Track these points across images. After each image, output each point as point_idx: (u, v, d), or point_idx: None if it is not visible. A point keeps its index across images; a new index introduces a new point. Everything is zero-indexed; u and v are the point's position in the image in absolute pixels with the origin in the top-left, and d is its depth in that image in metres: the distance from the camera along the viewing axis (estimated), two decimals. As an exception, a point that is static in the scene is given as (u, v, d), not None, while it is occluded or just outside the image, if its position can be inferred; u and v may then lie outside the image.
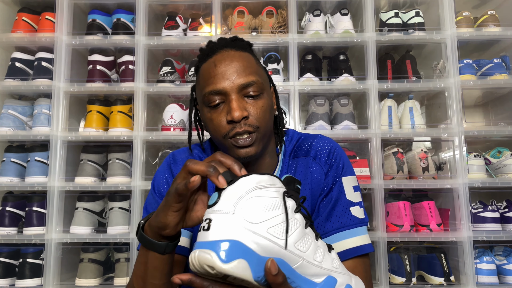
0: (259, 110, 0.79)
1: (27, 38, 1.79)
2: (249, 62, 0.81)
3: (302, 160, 0.91)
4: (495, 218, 1.66)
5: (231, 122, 0.77)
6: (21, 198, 1.72)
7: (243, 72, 0.79)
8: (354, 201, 0.87)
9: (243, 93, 0.79)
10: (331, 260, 0.61)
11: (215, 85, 0.78)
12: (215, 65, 0.79)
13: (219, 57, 0.80)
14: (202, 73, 0.82)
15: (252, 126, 0.78)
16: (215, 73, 0.78)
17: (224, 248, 0.50)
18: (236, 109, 0.76)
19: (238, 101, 0.77)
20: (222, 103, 0.79)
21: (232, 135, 0.78)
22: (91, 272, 1.65)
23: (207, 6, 1.89)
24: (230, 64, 0.79)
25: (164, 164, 0.94)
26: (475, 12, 1.99)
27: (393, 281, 1.63)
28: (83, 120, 1.90)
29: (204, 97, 0.80)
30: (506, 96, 1.89)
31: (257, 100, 0.80)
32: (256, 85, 0.79)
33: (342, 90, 1.79)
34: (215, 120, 0.79)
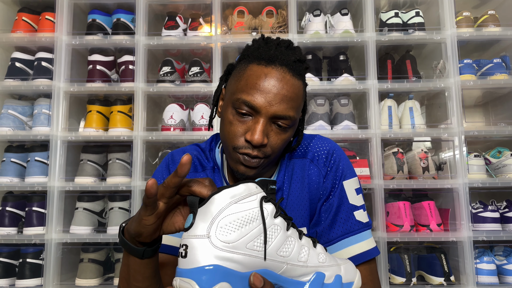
0: (279, 142, 0.76)
1: (27, 38, 1.79)
2: (296, 95, 0.76)
3: (299, 161, 0.88)
4: (495, 218, 1.66)
5: (248, 141, 0.74)
6: (21, 198, 1.72)
7: (286, 103, 0.74)
8: (357, 205, 0.85)
9: (273, 120, 0.75)
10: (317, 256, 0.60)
11: (254, 98, 0.73)
12: (266, 77, 0.74)
13: (273, 73, 0.74)
14: (249, 75, 0.76)
15: (265, 153, 0.76)
16: (261, 87, 0.73)
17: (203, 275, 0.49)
18: (259, 134, 0.72)
19: (265, 126, 0.74)
20: (249, 117, 0.75)
21: (242, 152, 0.75)
22: (91, 272, 1.65)
23: (207, 6, 1.89)
24: (279, 88, 0.73)
25: (163, 164, 0.93)
26: (475, 12, 1.99)
27: (393, 281, 1.63)
28: (83, 120, 1.90)
29: (236, 100, 0.75)
30: (506, 96, 1.89)
31: (282, 133, 0.76)
32: (290, 120, 0.75)
33: (342, 90, 1.79)
34: (234, 128, 0.76)
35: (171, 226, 0.61)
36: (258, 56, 0.77)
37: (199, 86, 1.77)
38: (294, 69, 0.76)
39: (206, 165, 0.91)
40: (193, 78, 1.79)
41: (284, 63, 0.75)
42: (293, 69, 0.76)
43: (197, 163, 0.91)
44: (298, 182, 0.86)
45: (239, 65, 0.81)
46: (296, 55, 0.78)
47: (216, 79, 1.75)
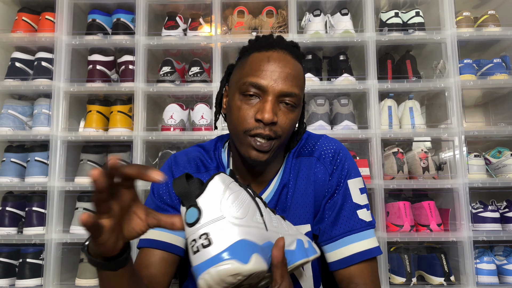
0: (288, 121, 0.79)
1: (27, 38, 1.79)
2: (299, 74, 0.81)
3: (305, 159, 0.90)
4: (495, 218, 1.66)
5: (258, 121, 0.77)
6: (21, 198, 1.72)
7: (290, 80, 0.78)
8: (361, 204, 0.86)
9: (280, 99, 0.78)
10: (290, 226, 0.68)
11: (260, 79, 0.77)
12: (268, 60, 0.79)
13: (275, 55, 0.79)
14: (252, 61, 0.80)
15: (276, 133, 0.78)
16: (265, 68, 0.78)
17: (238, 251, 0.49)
18: (269, 111, 0.75)
19: (273, 104, 0.77)
20: (257, 98, 0.78)
21: (253, 134, 0.77)
22: (91, 272, 1.65)
23: (207, 6, 1.89)
24: (282, 67, 0.78)
25: (165, 166, 0.94)
26: (475, 12, 1.99)
27: (393, 281, 1.63)
28: (83, 120, 1.90)
29: (243, 84, 0.78)
30: (506, 96, 1.89)
31: (289, 112, 0.79)
32: (296, 98, 0.79)
33: (342, 90, 1.79)
34: (243, 112, 0.78)
35: (132, 232, 0.58)
36: (258, 46, 0.82)
37: (199, 86, 1.77)
38: (293, 52, 0.82)
39: (209, 166, 0.92)
40: (193, 78, 1.79)
41: (283, 47, 0.81)
42: (292, 52, 0.82)
43: (200, 164, 0.92)
44: (303, 180, 0.88)
45: (240, 60, 0.85)
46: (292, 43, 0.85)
47: (216, 79, 1.75)
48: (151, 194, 0.92)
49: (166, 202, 0.89)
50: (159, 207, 0.89)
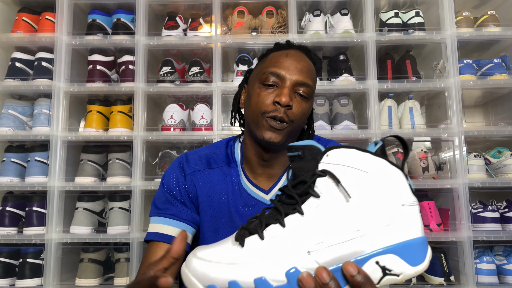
0: (301, 109, 0.87)
1: (27, 38, 1.79)
2: (312, 70, 0.91)
3: None
4: (495, 218, 1.66)
5: (276, 103, 0.85)
6: (21, 198, 1.72)
7: (305, 73, 0.88)
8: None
9: (295, 89, 0.87)
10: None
11: (280, 69, 0.87)
12: (286, 55, 0.89)
13: (292, 52, 0.90)
14: (272, 57, 0.91)
15: (289, 118, 0.85)
16: (283, 61, 0.88)
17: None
18: (286, 95, 0.84)
19: (290, 91, 0.86)
20: (275, 87, 0.87)
21: (270, 116, 0.85)
22: (91, 272, 1.65)
23: (207, 6, 1.89)
24: (299, 62, 0.88)
25: (176, 163, 0.98)
26: (475, 12, 1.99)
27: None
28: (83, 120, 1.90)
29: (263, 74, 0.88)
30: (506, 96, 1.89)
31: (303, 101, 0.88)
32: (309, 89, 0.88)
33: (342, 90, 1.79)
34: (262, 96, 0.87)
35: None
36: (276, 47, 0.94)
37: (199, 86, 1.77)
38: (308, 53, 0.94)
39: (220, 162, 0.97)
40: (193, 78, 1.79)
41: (299, 48, 0.94)
42: (307, 52, 0.94)
43: (211, 160, 0.97)
44: None
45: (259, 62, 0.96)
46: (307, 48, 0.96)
47: (216, 79, 1.75)
48: (161, 187, 0.96)
49: (176, 197, 0.93)
50: (168, 201, 0.93)
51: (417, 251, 0.49)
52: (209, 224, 0.93)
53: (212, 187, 0.94)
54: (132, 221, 1.66)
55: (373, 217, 0.49)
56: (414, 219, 0.50)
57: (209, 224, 0.93)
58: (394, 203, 0.50)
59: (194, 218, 0.93)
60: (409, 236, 0.49)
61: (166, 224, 0.90)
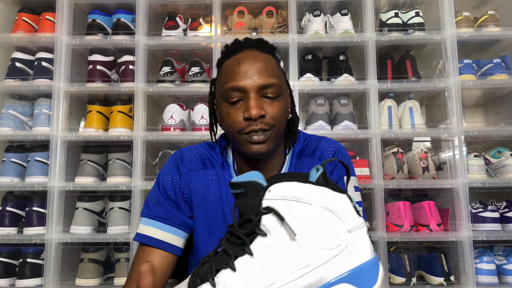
0: (275, 110, 0.82)
1: (27, 38, 1.79)
2: (271, 65, 0.84)
3: (307, 160, 0.94)
4: (495, 218, 1.66)
5: (248, 119, 0.80)
6: (21, 198, 1.72)
7: (264, 73, 0.82)
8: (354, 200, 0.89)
9: (261, 93, 0.82)
10: None
11: (237, 82, 0.81)
12: (238, 62, 0.82)
13: (243, 55, 0.83)
14: (225, 69, 0.85)
15: (268, 125, 0.81)
16: (237, 71, 0.82)
17: None
18: (254, 107, 0.79)
19: (257, 100, 0.81)
20: (241, 100, 0.82)
21: (247, 131, 0.81)
22: (91, 272, 1.65)
23: (207, 6, 1.89)
24: (253, 64, 0.82)
25: (171, 161, 0.95)
26: (475, 12, 1.99)
27: (393, 281, 1.63)
28: (83, 120, 1.90)
29: (224, 92, 0.83)
30: (506, 96, 1.89)
31: (274, 101, 0.83)
32: (275, 87, 0.82)
33: (342, 90, 1.79)
34: (232, 116, 0.82)
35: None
36: (227, 53, 0.87)
37: (199, 86, 1.77)
38: (260, 47, 0.86)
39: (215, 163, 0.95)
40: (193, 78, 1.79)
41: (249, 45, 0.85)
42: (259, 47, 0.86)
43: (206, 160, 0.95)
44: None
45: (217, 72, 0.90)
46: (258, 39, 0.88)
47: (216, 79, 1.75)
48: (156, 186, 0.93)
49: (170, 197, 0.91)
50: (159, 202, 0.91)
51: (369, 274, 0.49)
52: (203, 227, 0.91)
53: (206, 188, 0.91)
54: (132, 221, 1.66)
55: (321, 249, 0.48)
56: (362, 242, 0.50)
57: (203, 227, 0.91)
58: (340, 231, 0.49)
59: (185, 222, 0.90)
60: (359, 261, 0.49)
61: (155, 227, 0.88)
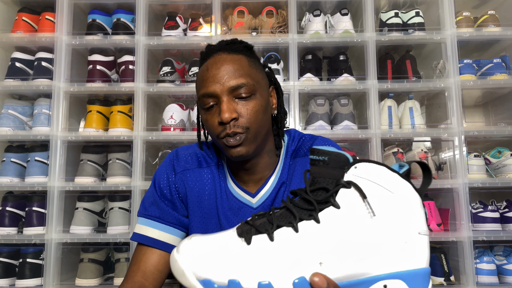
0: (250, 111, 0.81)
1: (27, 38, 1.79)
2: (240, 65, 0.82)
3: (301, 160, 0.93)
4: (495, 218, 1.66)
5: (221, 123, 0.80)
6: (21, 198, 1.72)
7: (233, 74, 0.80)
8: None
9: (233, 95, 0.81)
10: None
11: (207, 88, 0.81)
12: (207, 68, 0.82)
13: (211, 61, 0.83)
14: (198, 77, 0.86)
15: (242, 127, 0.80)
16: (207, 77, 0.81)
17: None
18: (225, 111, 0.78)
19: (228, 103, 0.80)
20: (215, 105, 0.82)
21: (223, 136, 0.80)
22: (91, 272, 1.65)
23: (207, 6, 1.89)
24: (220, 68, 0.81)
25: (167, 160, 0.96)
26: (475, 12, 1.99)
27: (393, 281, 1.63)
28: (83, 120, 1.90)
29: (199, 99, 0.83)
30: (506, 96, 1.89)
31: (248, 101, 0.81)
32: (247, 87, 0.81)
33: (342, 90, 1.79)
34: (209, 121, 0.83)
35: None
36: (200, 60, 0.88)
37: (199, 86, 1.77)
38: (230, 49, 0.85)
39: (210, 162, 0.95)
40: (193, 78, 1.79)
41: (218, 49, 0.85)
42: (228, 49, 0.85)
43: (202, 159, 0.95)
44: (298, 178, 0.91)
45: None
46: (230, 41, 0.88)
47: (216, 79, 1.75)
48: (152, 186, 0.94)
49: (165, 196, 0.91)
50: (155, 201, 0.91)
51: (422, 281, 0.48)
52: (198, 226, 0.91)
53: (201, 187, 0.92)
54: (132, 221, 1.66)
55: (391, 239, 0.48)
56: (425, 248, 0.50)
57: (199, 226, 0.91)
58: (412, 229, 0.49)
59: (181, 221, 0.91)
60: (418, 265, 0.49)
61: (151, 226, 0.90)
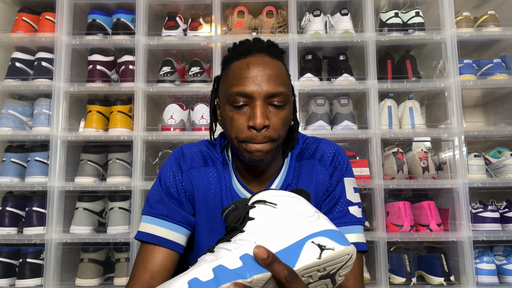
0: (280, 121, 0.81)
1: (27, 38, 1.79)
2: (281, 73, 0.83)
3: (307, 162, 0.94)
4: (495, 218, 1.66)
5: (251, 128, 0.79)
6: (21, 198, 1.72)
7: (273, 81, 0.80)
8: (353, 201, 0.91)
9: (268, 101, 0.80)
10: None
11: (245, 87, 0.79)
12: (248, 67, 0.81)
13: (253, 60, 0.81)
14: (233, 71, 0.83)
15: (270, 138, 0.80)
16: (247, 75, 0.80)
17: None
18: (259, 117, 0.78)
19: (263, 108, 0.79)
20: (246, 106, 0.81)
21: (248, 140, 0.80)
22: (91, 272, 1.65)
23: (207, 6, 1.89)
24: (263, 70, 0.80)
25: (172, 158, 0.95)
26: (475, 12, 1.99)
27: (393, 281, 1.63)
28: (83, 120, 1.90)
29: (230, 95, 0.81)
30: (506, 96, 1.89)
31: (280, 111, 0.82)
32: (283, 96, 0.81)
33: (342, 90, 1.79)
34: (236, 121, 0.81)
35: None
36: (235, 55, 0.85)
37: (199, 86, 1.77)
38: (271, 53, 0.84)
39: (216, 160, 0.95)
40: (193, 78, 1.79)
41: (260, 50, 0.83)
42: (270, 52, 0.84)
43: (207, 157, 0.95)
44: (305, 180, 0.92)
45: (223, 71, 0.88)
46: (269, 43, 0.87)
47: (216, 79, 1.75)
48: (158, 183, 0.93)
49: (172, 195, 0.90)
50: (161, 200, 0.90)
51: (341, 236, 0.59)
52: (204, 224, 0.91)
53: (207, 186, 0.92)
54: (132, 221, 1.66)
55: (299, 213, 0.62)
56: (326, 221, 0.63)
57: (204, 224, 0.91)
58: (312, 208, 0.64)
59: (188, 219, 0.90)
60: (331, 226, 0.61)
61: (158, 225, 0.88)
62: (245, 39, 0.88)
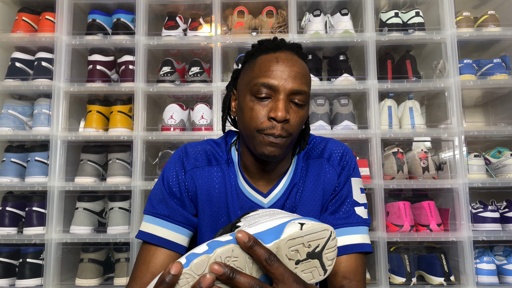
0: (298, 119, 0.83)
1: (27, 38, 1.79)
2: (306, 73, 0.85)
3: (314, 161, 0.94)
4: (495, 218, 1.66)
5: (272, 119, 0.80)
6: (21, 198, 1.72)
7: (299, 79, 0.82)
8: (359, 202, 0.91)
9: (290, 98, 0.82)
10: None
11: (271, 79, 0.80)
12: (277, 61, 0.82)
13: (283, 55, 0.83)
14: (261, 63, 0.84)
15: (288, 132, 0.81)
16: (275, 68, 0.81)
17: None
18: (282, 110, 0.79)
19: (286, 102, 0.81)
20: (268, 99, 0.82)
21: (266, 132, 0.80)
22: (91, 272, 1.65)
23: (207, 6, 1.89)
24: (291, 67, 0.82)
25: (176, 156, 0.95)
26: (475, 12, 1.99)
27: (393, 281, 1.63)
28: (83, 120, 1.90)
29: (254, 85, 0.82)
30: (506, 96, 1.89)
31: (299, 109, 0.83)
32: (305, 96, 0.83)
33: (342, 90, 1.79)
34: (256, 112, 0.82)
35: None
36: (264, 49, 0.86)
37: (199, 86, 1.77)
38: (298, 53, 0.87)
39: (220, 160, 0.95)
40: (193, 78, 1.79)
41: (289, 48, 0.86)
42: (297, 52, 0.86)
43: (211, 157, 0.94)
44: (312, 179, 0.93)
45: (247, 64, 0.89)
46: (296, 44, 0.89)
47: (216, 79, 1.75)
48: (160, 182, 0.92)
49: (174, 195, 0.90)
50: (163, 199, 0.90)
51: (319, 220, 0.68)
52: (207, 224, 0.91)
53: (211, 185, 0.91)
54: (132, 221, 1.66)
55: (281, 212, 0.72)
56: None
57: (208, 224, 0.91)
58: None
59: (190, 220, 0.90)
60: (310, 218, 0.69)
61: (160, 225, 0.87)
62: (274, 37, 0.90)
